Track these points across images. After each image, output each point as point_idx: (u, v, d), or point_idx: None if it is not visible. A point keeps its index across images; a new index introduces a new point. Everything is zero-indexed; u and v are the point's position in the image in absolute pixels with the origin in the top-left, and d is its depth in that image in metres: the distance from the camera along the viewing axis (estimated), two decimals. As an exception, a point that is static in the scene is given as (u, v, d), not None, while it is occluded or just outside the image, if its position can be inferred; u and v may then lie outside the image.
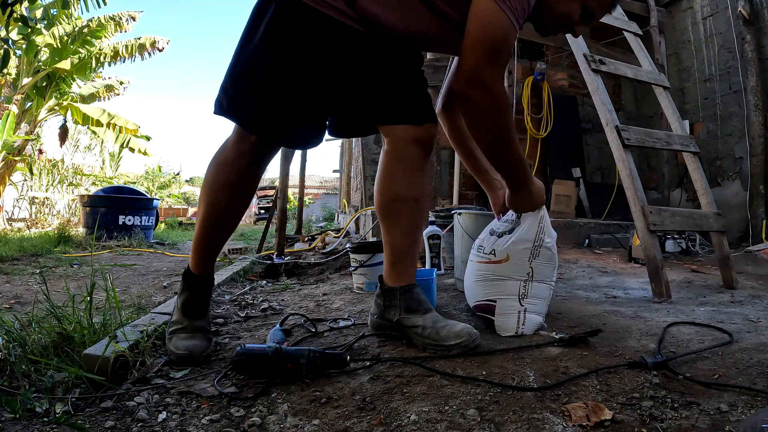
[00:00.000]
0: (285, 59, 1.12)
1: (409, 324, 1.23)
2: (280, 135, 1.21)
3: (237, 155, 1.21)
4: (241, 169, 1.22)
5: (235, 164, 1.21)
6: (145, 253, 4.46)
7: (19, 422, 0.87)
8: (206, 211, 1.25)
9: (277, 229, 3.38)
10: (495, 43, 1.05)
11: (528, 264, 1.32)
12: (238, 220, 1.34)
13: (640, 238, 1.93)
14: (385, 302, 1.29)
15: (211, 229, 1.28)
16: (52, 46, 7.17)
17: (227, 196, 1.24)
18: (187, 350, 1.18)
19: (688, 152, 2.27)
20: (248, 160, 1.21)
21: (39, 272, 2.86)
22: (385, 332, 1.31)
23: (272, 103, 1.14)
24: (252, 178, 1.26)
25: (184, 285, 1.31)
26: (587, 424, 0.82)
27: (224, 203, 1.25)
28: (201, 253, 1.30)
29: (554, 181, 4.61)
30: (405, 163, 1.26)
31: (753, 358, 1.07)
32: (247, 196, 1.30)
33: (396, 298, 1.27)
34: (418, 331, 1.21)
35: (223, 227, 1.30)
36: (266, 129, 1.18)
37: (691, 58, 4.56)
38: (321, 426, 0.86)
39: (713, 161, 4.32)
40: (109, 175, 11.43)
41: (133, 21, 7.99)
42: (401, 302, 1.26)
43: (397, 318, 1.25)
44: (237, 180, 1.23)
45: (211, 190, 1.24)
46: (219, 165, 1.23)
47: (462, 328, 1.17)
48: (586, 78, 2.22)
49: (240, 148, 1.20)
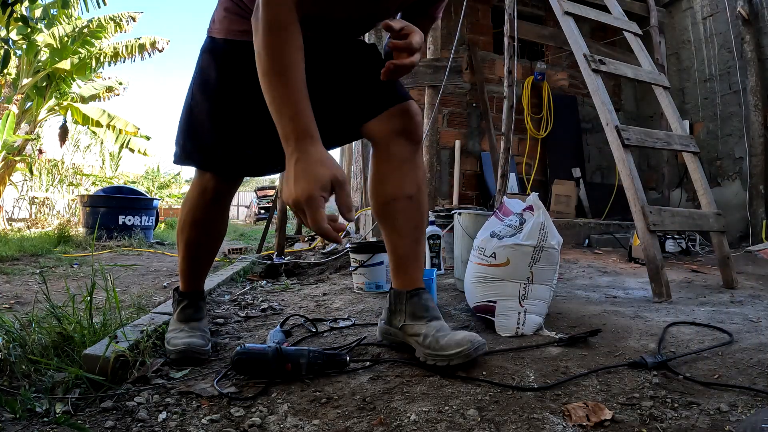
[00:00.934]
0: (214, 93, 1.18)
1: (411, 332, 1.17)
2: (232, 166, 1.24)
3: (200, 193, 1.27)
4: (206, 206, 1.28)
5: (199, 202, 1.28)
6: (145, 253, 4.46)
7: (19, 422, 0.87)
8: (183, 247, 1.34)
9: (277, 229, 3.38)
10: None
11: (528, 269, 1.32)
12: (215, 251, 1.41)
13: (640, 238, 1.93)
14: (392, 306, 1.23)
15: (190, 262, 1.36)
16: (52, 46, 7.17)
17: (198, 233, 1.32)
18: (186, 345, 1.19)
19: (688, 152, 2.27)
20: (210, 196, 1.26)
21: (39, 272, 2.86)
22: (391, 340, 1.25)
23: (216, 138, 1.20)
24: (218, 213, 1.33)
25: (177, 299, 1.37)
26: (587, 424, 0.82)
27: (196, 240, 1.33)
28: (187, 278, 1.38)
29: (554, 181, 4.61)
30: (390, 161, 1.20)
31: (753, 358, 1.07)
32: (218, 230, 1.36)
33: (402, 303, 1.20)
34: (419, 340, 1.13)
35: (200, 259, 1.38)
36: (217, 163, 1.23)
37: (691, 58, 4.56)
38: (321, 426, 0.86)
39: (713, 161, 4.32)
40: (109, 175, 11.42)
41: (133, 21, 7.99)
42: (407, 307, 1.19)
43: (402, 325, 1.20)
44: (204, 217, 1.30)
45: (182, 229, 1.32)
46: (187, 205, 1.31)
47: (464, 336, 1.07)
48: (586, 78, 2.22)
49: (201, 186, 1.26)
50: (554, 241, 1.34)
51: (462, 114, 4.94)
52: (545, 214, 1.36)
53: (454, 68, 2.84)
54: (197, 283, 1.40)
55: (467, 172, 4.91)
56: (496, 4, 5.08)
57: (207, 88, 1.20)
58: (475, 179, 4.92)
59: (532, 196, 1.40)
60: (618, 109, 5.24)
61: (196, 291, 1.39)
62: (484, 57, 4.98)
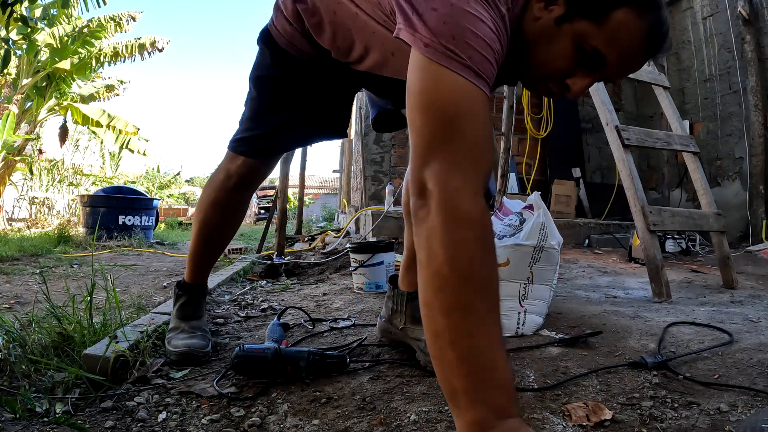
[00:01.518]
0: (265, 85, 1.18)
1: (413, 336, 1.17)
2: (263, 148, 1.25)
3: (226, 176, 1.27)
4: (228, 189, 1.28)
5: (223, 185, 1.27)
6: (145, 253, 4.46)
7: (19, 422, 0.87)
8: (199, 227, 1.33)
9: (277, 229, 3.38)
10: (449, 118, 0.65)
11: (528, 269, 1.32)
12: (229, 237, 1.41)
13: (640, 238, 1.93)
14: (393, 306, 1.24)
15: (203, 245, 1.35)
16: (52, 46, 7.16)
17: (216, 214, 1.31)
18: (186, 347, 1.19)
19: (688, 152, 2.27)
20: (235, 181, 1.26)
21: (39, 272, 2.86)
22: (390, 338, 1.26)
23: (256, 121, 1.20)
24: (240, 199, 1.33)
25: (180, 293, 1.36)
26: (587, 424, 0.82)
27: (214, 221, 1.32)
28: (194, 266, 1.38)
29: (554, 181, 4.61)
30: None
31: (753, 358, 1.07)
32: (236, 217, 1.37)
33: (403, 304, 1.20)
34: (421, 345, 1.11)
35: (213, 243, 1.37)
36: (247, 147, 1.23)
37: (691, 58, 4.56)
38: (321, 426, 0.86)
39: (713, 161, 4.32)
40: (109, 175, 11.41)
41: (133, 21, 7.99)
42: (408, 309, 1.19)
43: (402, 327, 1.20)
44: (225, 200, 1.29)
45: (203, 208, 1.31)
46: (211, 185, 1.31)
47: None
48: (586, 78, 2.21)
49: (228, 170, 1.26)
50: (554, 241, 1.34)
51: (462, 114, 4.94)
52: (546, 214, 1.36)
53: (454, 68, 2.85)
54: (202, 274, 1.39)
55: (467, 172, 4.91)
56: (496, 4, 5.08)
57: (254, 78, 1.19)
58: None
59: (533, 196, 1.39)
60: (618, 109, 5.24)
61: (199, 285, 1.38)
62: (484, 57, 4.98)
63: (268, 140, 1.21)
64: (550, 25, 0.76)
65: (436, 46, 0.66)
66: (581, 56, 0.76)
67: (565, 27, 0.75)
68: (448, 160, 0.64)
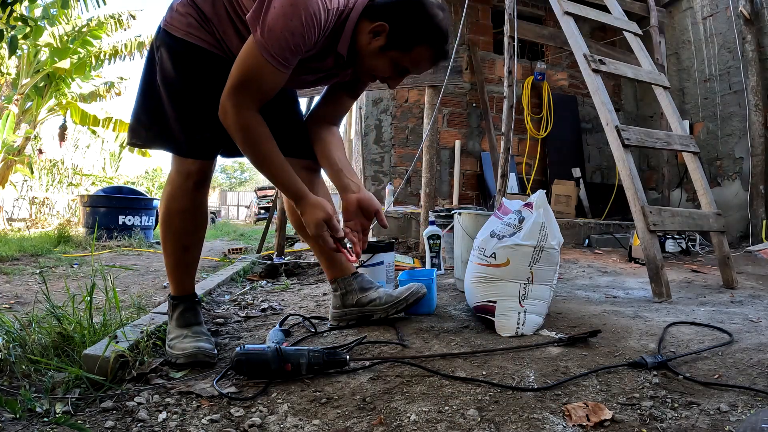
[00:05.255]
0: (188, 82, 1.22)
1: (367, 300, 1.41)
2: (210, 145, 1.28)
3: (185, 177, 1.28)
4: (189, 190, 1.29)
5: (184, 187, 1.29)
6: (145, 253, 4.46)
7: (19, 422, 0.87)
8: (173, 239, 1.34)
9: (277, 229, 3.38)
10: (242, 77, 1.10)
11: (528, 269, 1.32)
12: (202, 242, 1.42)
13: (640, 238, 1.93)
14: (342, 290, 1.44)
15: (180, 254, 1.35)
16: (52, 45, 7.17)
17: (185, 221, 1.32)
18: (196, 348, 1.18)
19: (688, 152, 2.27)
20: (194, 179, 1.29)
21: (39, 272, 2.86)
22: (347, 320, 1.44)
23: (189, 120, 1.24)
24: (201, 199, 1.34)
25: (175, 302, 1.35)
26: (587, 424, 0.82)
27: (183, 228, 1.33)
28: (181, 276, 1.37)
29: (554, 181, 4.61)
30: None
31: (753, 358, 1.07)
32: (203, 218, 1.37)
33: (351, 284, 1.43)
34: (376, 303, 1.40)
35: (190, 250, 1.37)
36: (195, 146, 1.26)
37: (691, 58, 4.56)
38: (321, 426, 0.86)
39: (713, 161, 4.32)
40: (109, 175, 11.40)
41: (133, 19, 7.99)
42: (356, 285, 1.43)
43: (356, 299, 1.42)
44: (189, 204, 1.31)
45: (170, 222, 1.32)
46: (170, 197, 1.31)
47: (408, 286, 1.42)
48: (586, 78, 2.22)
49: (187, 170, 1.28)
50: (554, 242, 1.34)
51: (462, 114, 4.94)
52: (547, 214, 1.35)
53: (454, 68, 2.84)
54: (189, 283, 1.38)
55: (467, 172, 4.91)
56: (495, 4, 5.08)
57: (167, 82, 1.22)
58: (475, 179, 4.92)
59: (537, 194, 1.39)
60: (618, 109, 5.24)
61: (189, 294, 1.37)
62: (484, 57, 4.98)
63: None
64: (376, 50, 1.17)
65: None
66: (395, 69, 1.21)
67: (386, 53, 1.17)
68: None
